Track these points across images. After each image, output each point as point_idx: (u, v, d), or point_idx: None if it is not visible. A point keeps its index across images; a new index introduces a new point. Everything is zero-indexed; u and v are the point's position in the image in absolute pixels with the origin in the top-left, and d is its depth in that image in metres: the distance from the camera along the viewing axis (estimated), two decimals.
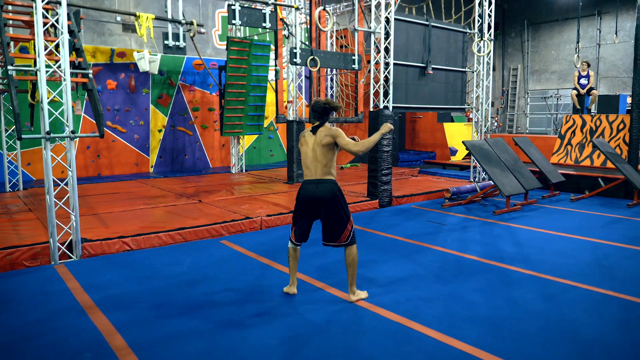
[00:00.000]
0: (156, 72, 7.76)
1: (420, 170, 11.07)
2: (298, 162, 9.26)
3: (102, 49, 10.11)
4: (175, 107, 11.32)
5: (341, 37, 12.30)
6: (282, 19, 7.93)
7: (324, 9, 7.16)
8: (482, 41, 9.19)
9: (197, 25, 7.75)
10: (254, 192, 8.18)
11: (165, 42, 6.77)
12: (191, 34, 7.27)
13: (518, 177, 7.61)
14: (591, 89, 11.67)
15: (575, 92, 11.78)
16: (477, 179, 9.35)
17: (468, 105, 9.62)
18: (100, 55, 10.07)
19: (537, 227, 6.31)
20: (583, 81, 11.69)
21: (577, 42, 10.95)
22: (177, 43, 6.80)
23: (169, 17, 6.97)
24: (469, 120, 18.44)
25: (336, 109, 3.85)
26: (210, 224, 5.89)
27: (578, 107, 11.64)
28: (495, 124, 19.62)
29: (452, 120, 14.84)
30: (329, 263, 4.80)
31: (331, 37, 12.39)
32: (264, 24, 6.91)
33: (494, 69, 20.74)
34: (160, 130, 11.12)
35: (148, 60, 7.16)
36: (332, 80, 12.67)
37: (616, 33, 15.56)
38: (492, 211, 7.20)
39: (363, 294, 3.93)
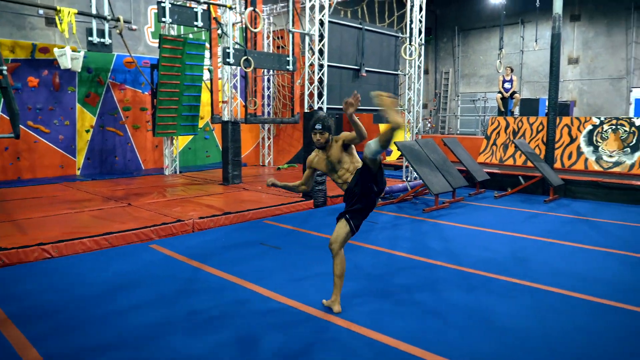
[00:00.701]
0: (79, 70, 7.40)
1: None
2: (233, 163, 9.17)
3: (22, 43, 9.53)
4: (104, 106, 10.86)
5: (278, 38, 12.30)
6: (215, 18, 7.82)
7: (254, 10, 7.12)
8: (412, 45, 9.47)
9: (126, 22, 7.49)
10: (187, 194, 8.02)
11: (90, 38, 6.48)
12: (117, 31, 7.01)
13: (446, 176, 7.92)
14: (514, 92, 12.36)
15: (499, 95, 12.43)
16: (409, 178, 9.64)
17: (401, 107, 9.90)
18: (19, 50, 9.49)
19: (463, 224, 6.61)
20: (507, 85, 12.35)
21: (500, 49, 11.55)
22: (102, 40, 6.52)
23: (94, 12, 6.68)
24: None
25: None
26: (139, 228, 5.71)
27: (502, 109, 12.29)
28: (429, 125, 20.31)
29: (388, 122, 15.21)
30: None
31: (268, 37, 12.36)
32: (195, 23, 6.78)
33: (427, 72, 21.48)
34: (87, 131, 10.63)
35: (70, 57, 6.81)
36: (269, 80, 12.63)
37: (536, 41, 16.52)
38: (422, 209, 7.46)
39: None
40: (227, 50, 7.23)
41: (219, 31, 8.34)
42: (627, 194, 8.24)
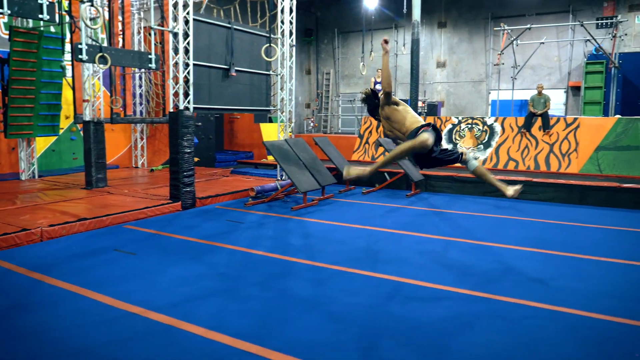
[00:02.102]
0: None
1: (233, 171, 11.20)
2: (97, 166, 8.64)
3: None
4: None
5: (150, 35, 11.77)
6: (66, 11, 7.28)
7: (92, 4, 6.77)
8: (272, 46, 9.58)
9: None
10: (42, 201, 7.40)
11: None
12: None
13: (315, 174, 8.16)
14: None
15: None
16: (283, 177, 9.78)
17: (274, 107, 10.01)
18: None
19: (327, 220, 6.86)
20: (378, 86, 13.01)
21: (362, 52, 12.11)
22: None
23: None
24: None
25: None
26: None
27: None
28: (312, 124, 20.78)
29: (270, 121, 15.31)
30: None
31: (139, 33, 11.80)
32: (40, 16, 6.26)
33: (309, 73, 21.95)
34: None
35: None
36: (140, 78, 12.08)
37: (404, 45, 17.59)
38: (291, 207, 7.61)
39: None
40: (80, 46, 6.79)
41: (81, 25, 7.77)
42: (477, 187, 9.10)
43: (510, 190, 4.30)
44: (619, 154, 9.56)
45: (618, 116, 11.13)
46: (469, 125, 11.34)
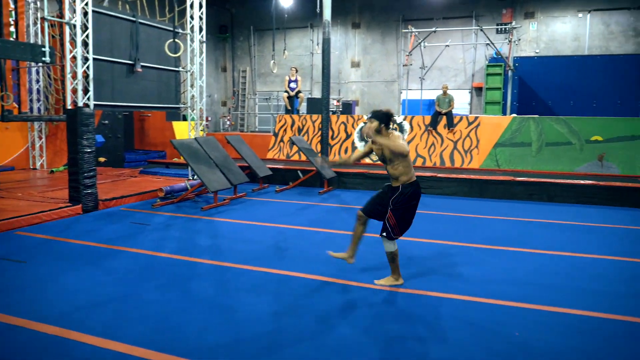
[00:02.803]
0: None
1: (142, 171, 10.75)
2: None
3: None
4: None
5: (53, 26, 10.98)
6: None
7: None
8: (175, 42, 9.30)
9: None
10: None
11: None
12: None
13: (226, 173, 8.04)
14: (299, 92, 13.14)
15: (286, 94, 13.10)
16: (194, 177, 9.54)
17: (184, 104, 9.72)
18: None
19: (237, 219, 6.78)
20: (292, 85, 13.07)
21: (273, 51, 12.09)
22: None
23: None
24: (205, 119, 18.76)
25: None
26: None
27: (289, 107, 12.97)
28: (228, 122, 20.47)
29: (184, 119, 14.86)
30: None
31: (35, 24, 10.96)
32: None
33: (225, 70, 21.58)
34: None
35: None
36: (38, 73, 11.23)
37: (318, 44, 17.78)
38: (201, 207, 7.44)
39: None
40: None
41: None
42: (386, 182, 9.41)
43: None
44: (514, 150, 10.31)
45: (514, 115, 12.01)
46: None
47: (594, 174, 9.51)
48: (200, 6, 9.64)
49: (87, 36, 7.25)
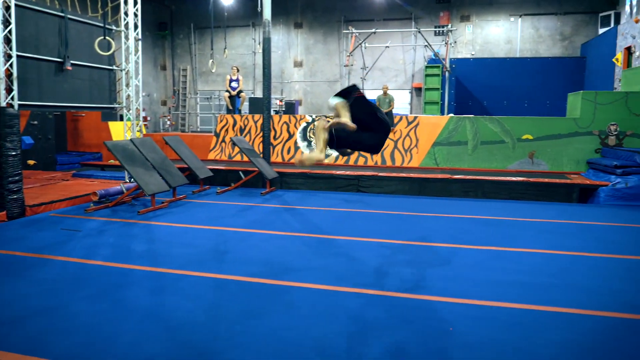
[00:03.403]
0: None
1: (75, 174, 10.25)
2: None
3: None
4: None
5: None
6: None
7: None
8: (106, 39, 8.95)
9: None
10: None
11: None
12: None
13: (164, 175, 7.80)
14: (240, 91, 12.97)
15: (227, 94, 12.89)
16: (131, 180, 9.20)
17: (119, 104, 9.35)
18: None
19: (176, 223, 6.59)
20: (234, 84, 12.89)
21: (212, 49, 11.92)
22: None
23: None
24: (143, 119, 18.17)
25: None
26: None
27: (230, 107, 12.78)
28: (169, 122, 19.94)
29: (121, 119, 14.31)
30: None
31: None
32: None
33: (164, 69, 21.00)
34: None
35: None
36: None
37: (259, 43, 17.66)
38: (138, 211, 7.18)
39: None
40: None
41: None
42: (328, 182, 9.48)
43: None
44: (451, 148, 10.65)
45: (451, 115, 12.41)
46: None
47: (525, 171, 9.98)
48: (135, 2, 9.30)
49: (9, 32, 6.82)
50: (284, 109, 16.52)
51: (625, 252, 5.37)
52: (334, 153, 11.22)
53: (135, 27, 9.31)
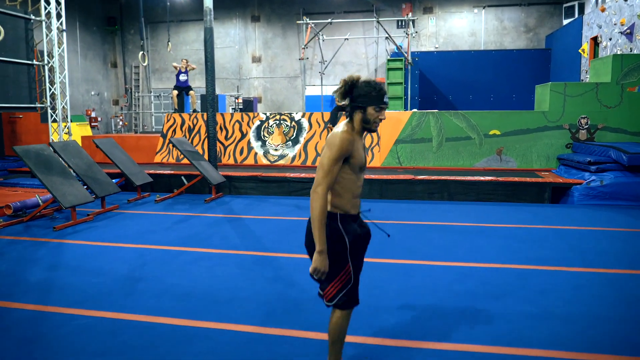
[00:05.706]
0: None
1: (2, 182, 9.13)
2: None
3: None
4: None
5: None
6: None
7: None
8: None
9: None
10: None
11: None
12: None
13: (90, 183, 6.83)
14: (190, 88, 12.00)
15: (176, 92, 11.90)
16: None
17: (43, 103, 8.30)
18: None
19: (94, 241, 5.64)
20: (183, 77, 11.89)
21: (142, 40, 10.93)
22: None
23: None
24: (92, 120, 16.94)
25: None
26: None
27: (176, 107, 11.81)
28: (121, 123, 18.75)
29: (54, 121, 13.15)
30: None
31: None
32: None
33: (115, 66, 19.76)
34: None
35: None
36: None
37: (217, 38, 16.69)
38: (53, 227, 6.19)
39: None
40: None
41: None
42: (281, 187, 8.64)
43: None
44: (415, 146, 9.94)
45: (414, 110, 11.72)
46: (277, 122, 10.90)
47: (493, 169, 9.36)
48: None
49: None
50: (241, 106, 15.62)
51: (607, 265, 4.71)
52: (290, 153, 10.39)
53: (59, 16, 8.28)
